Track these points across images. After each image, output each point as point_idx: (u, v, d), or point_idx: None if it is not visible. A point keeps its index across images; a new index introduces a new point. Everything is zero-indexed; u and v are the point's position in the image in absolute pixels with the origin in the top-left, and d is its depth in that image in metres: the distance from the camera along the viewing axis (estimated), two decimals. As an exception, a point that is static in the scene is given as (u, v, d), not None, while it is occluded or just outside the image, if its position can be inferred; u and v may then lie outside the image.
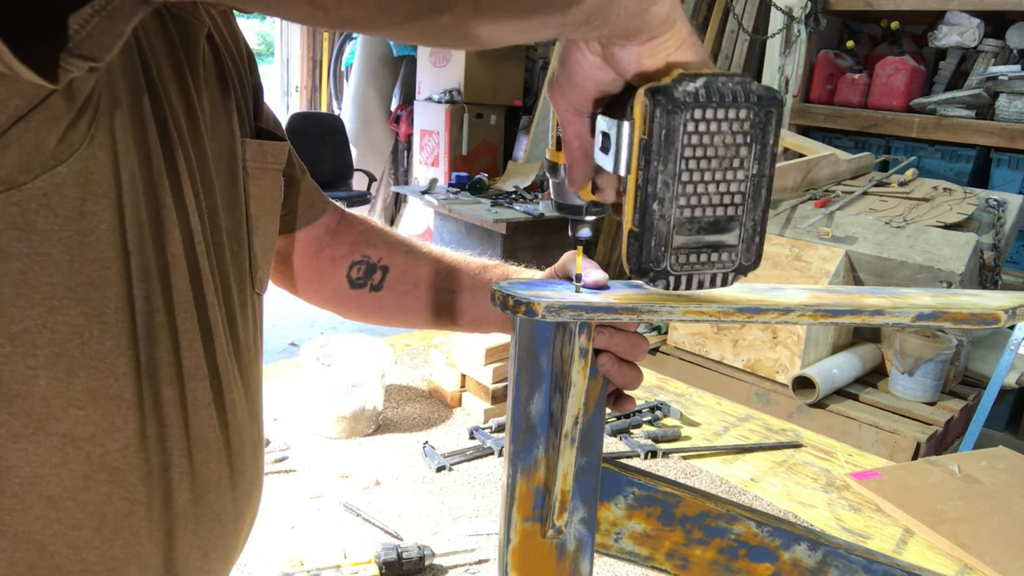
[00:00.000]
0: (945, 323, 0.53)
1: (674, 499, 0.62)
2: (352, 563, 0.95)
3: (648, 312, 0.50)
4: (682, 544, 0.63)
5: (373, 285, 0.79)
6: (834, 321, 0.53)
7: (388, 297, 0.79)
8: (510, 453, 0.58)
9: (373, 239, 0.80)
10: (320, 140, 5.60)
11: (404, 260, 0.79)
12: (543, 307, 0.49)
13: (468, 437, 1.36)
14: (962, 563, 1.09)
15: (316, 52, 7.02)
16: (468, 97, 5.02)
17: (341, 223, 0.81)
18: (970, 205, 2.25)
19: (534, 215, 3.91)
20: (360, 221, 0.82)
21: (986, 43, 3.19)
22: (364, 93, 5.99)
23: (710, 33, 4.49)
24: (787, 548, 0.64)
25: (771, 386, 2.23)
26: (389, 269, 0.79)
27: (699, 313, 0.51)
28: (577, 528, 0.59)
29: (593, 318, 0.51)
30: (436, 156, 5.20)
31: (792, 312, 0.52)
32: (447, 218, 4.43)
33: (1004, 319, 0.53)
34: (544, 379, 0.57)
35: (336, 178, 5.61)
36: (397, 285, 0.79)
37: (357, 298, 0.80)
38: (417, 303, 0.79)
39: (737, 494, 1.23)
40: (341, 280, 0.79)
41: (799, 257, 2.28)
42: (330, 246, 0.80)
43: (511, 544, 0.58)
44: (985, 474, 1.33)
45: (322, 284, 0.81)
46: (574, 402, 0.54)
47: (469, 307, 0.78)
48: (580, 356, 0.53)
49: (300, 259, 0.79)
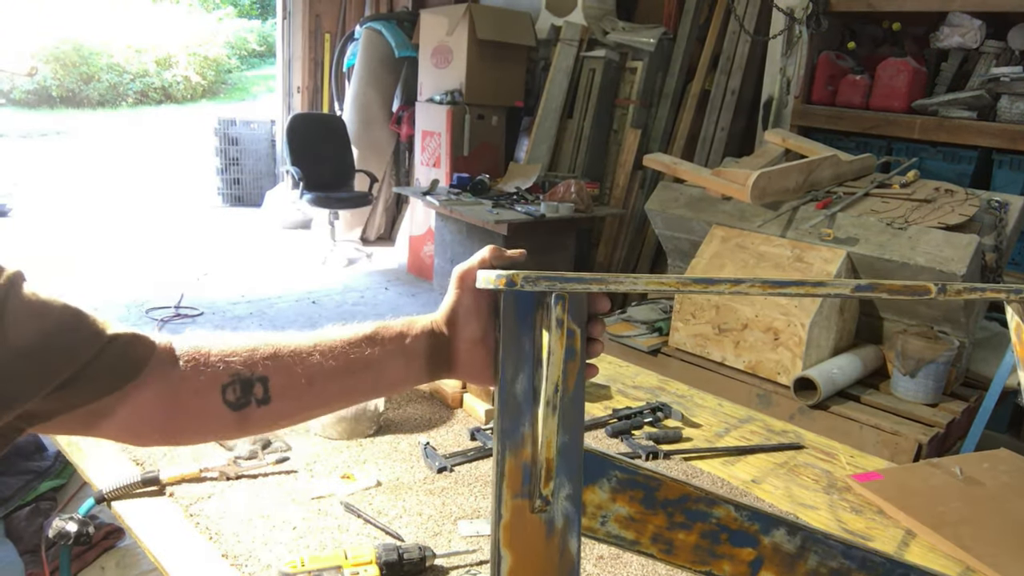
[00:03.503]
0: (881, 294, 0.60)
1: (655, 482, 0.65)
2: (353, 564, 0.95)
3: (615, 283, 0.57)
4: (665, 528, 0.65)
5: (258, 399, 0.70)
6: (781, 292, 0.60)
7: (282, 406, 0.71)
8: (499, 431, 0.61)
9: (228, 354, 0.71)
10: (321, 141, 5.61)
11: (277, 364, 0.71)
12: (521, 278, 0.56)
13: (469, 438, 1.36)
14: (964, 565, 1.09)
15: (318, 53, 7.03)
16: (469, 98, 5.02)
17: (181, 352, 0.70)
18: (972, 206, 2.25)
19: (535, 216, 3.91)
20: (201, 342, 0.71)
21: (988, 44, 3.19)
22: (365, 94, 5.99)
23: (711, 34, 4.49)
24: (767, 533, 0.67)
25: (772, 388, 2.22)
26: (268, 378, 0.70)
27: (659, 283, 0.58)
28: (564, 505, 0.62)
29: (566, 288, 0.57)
30: (437, 157, 5.20)
31: (743, 283, 0.58)
32: (448, 219, 4.43)
33: (934, 292, 0.59)
34: (527, 360, 0.62)
35: (337, 179, 5.62)
36: (286, 391, 0.70)
37: (247, 418, 0.70)
38: (321, 396, 0.72)
39: (738, 495, 1.23)
40: (219, 408, 0.69)
41: (800, 258, 2.28)
42: (185, 380, 0.69)
43: (502, 520, 0.60)
44: (987, 476, 1.33)
45: (200, 421, 0.71)
46: (553, 370, 0.58)
47: (380, 376, 0.73)
48: (557, 326, 0.58)
49: (156, 409, 0.68)
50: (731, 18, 4.31)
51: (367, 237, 6.38)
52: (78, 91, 13.31)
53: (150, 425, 0.70)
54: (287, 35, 7.15)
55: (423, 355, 0.73)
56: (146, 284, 4.80)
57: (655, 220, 2.83)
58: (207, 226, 6.73)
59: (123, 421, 0.68)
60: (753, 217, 2.46)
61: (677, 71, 4.61)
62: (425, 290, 5.00)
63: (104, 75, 13.52)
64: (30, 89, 12.78)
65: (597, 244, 4.78)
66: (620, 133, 4.83)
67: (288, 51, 7.18)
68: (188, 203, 7.67)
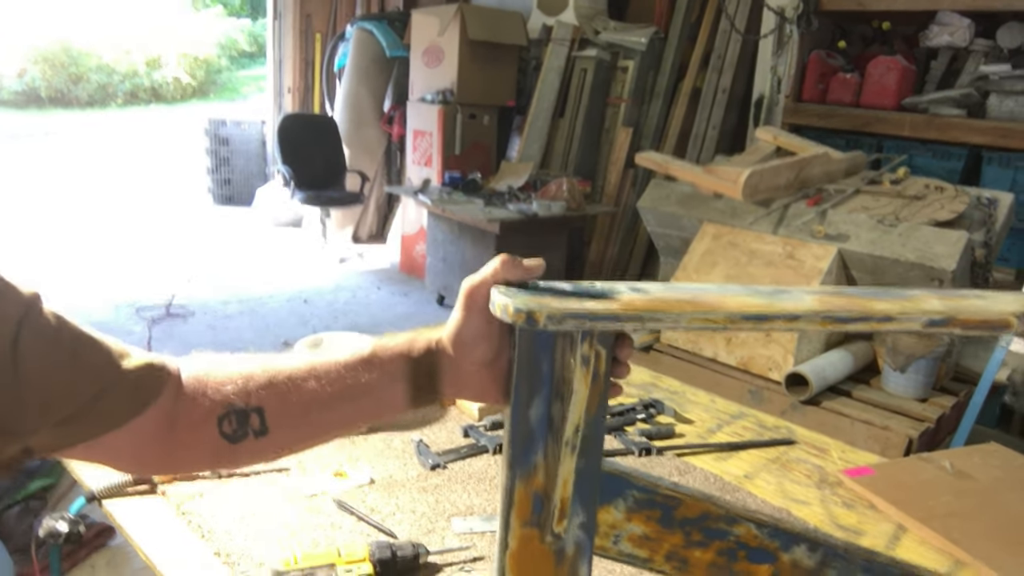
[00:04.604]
0: (954, 329, 0.52)
1: (674, 502, 0.61)
2: (346, 561, 0.95)
3: (652, 320, 0.49)
4: (681, 546, 0.62)
5: (256, 431, 0.67)
6: (843, 329, 0.52)
7: (280, 436, 0.69)
8: (509, 458, 0.57)
9: (225, 383, 0.68)
10: (313, 141, 5.60)
11: (272, 392, 0.68)
12: (544, 316, 0.48)
13: (462, 435, 1.36)
14: (954, 559, 1.10)
15: (308, 53, 7.01)
16: (461, 97, 5.01)
17: (186, 379, 0.69)
18: (961, 203, 2.26)
19: (527, 215, 3.91)
20: (203, 369, 0.70)
21: (977, 43, 3.21)
22: (356, 94, 5.98)
23: (702, 33, 4.51)
24: (786, 549, 0.63)
25: (764, 383, 2.23)
26: (264, 408, 0.67)
27: (705, 320, 0.50)
28: (576, 533, 0.59)
29: (596, 327, 0.50)
30: (429, 156, 5.19)
31: (800, 319, 0.51)
32: (440, 218, 4.43)
33: (1016, 325, 0.51)
34: (544, 383, 0.56)
35: (329, 179, 5.60)
36: (283, 421, 0.68)
37: (245, 450, 0.68)
38: (319, 425, 0.69)
39: (731, 491, 1.23)
40: (216, 441, 0.67)
41: (792, 255, 2.29)
42: (184, 413, 0.67)
43: (509, 549, 0.57)
44: (977, 470, 1.34)
45: (196, 455, 0.69)
46: (576, 410, 0.53)
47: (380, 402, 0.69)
48: (582, 364, 0.52)
49: (156, 443, 0.67)
50: (722, 17, 4.33)
51: (359, 236, 6.37)
52: (67, 91, 13.22)
53: (150, 457, 0.68)
54: (278, 35, 7.13)
55: (425, 378, 0.68)
56: (137, 283, 4.78)
57: (647, 218, 2.83)
58: (198, 225, 6.70)
59: (123, 453, 0.67)
60: (745, 214, 2.46)
61: (668, 69, 4.63)
62: (417, 289, 4.99)
63: (93, 75, 13.44)
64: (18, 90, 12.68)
65: (589, 242, 4.78)
66: (612, 131, 4.84)
67: (279, 51, 7.16)
68: (178, 203, 7.64)
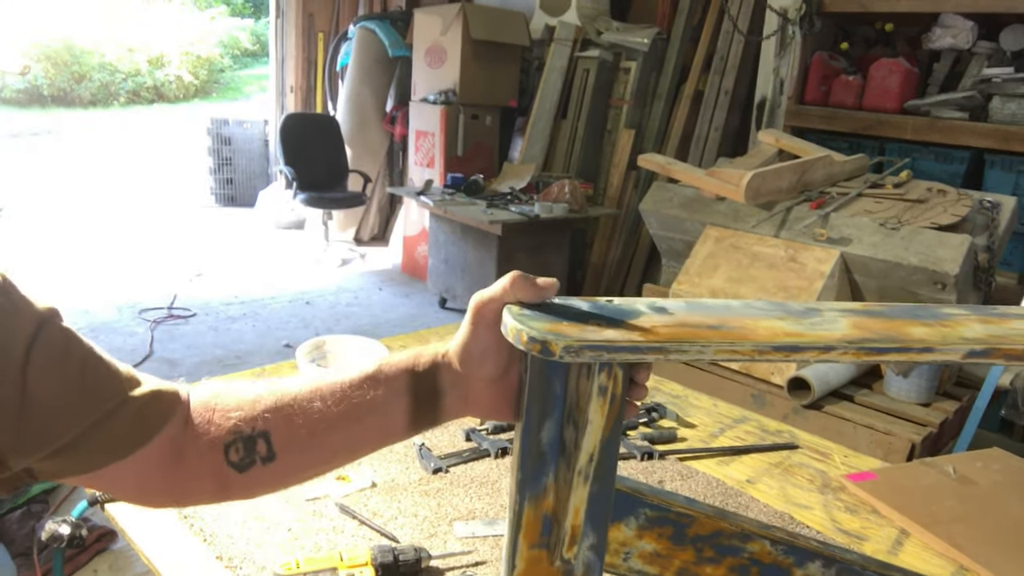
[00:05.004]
0: (997, 360, 0.49)
1: (687, 519, 0.60)
2: (348, 565, 0.95)
3: (677, 352, 0.47)
4: (692, 563, 0.61)
5: (263, 458, 0.65)
6: (880, 360, 0.50)
7: (288, 462, 0.66)
8: (518, 480, 0.56)
9: (232, 409, 0.66)
10: (315, 141, 5.60)
11: (277, 415, 0.66)
12: (561, 347, 0.46)
13: (464, 439, 1.36)
14: (957, 564, 1.10)
15: (311, 52, 7.01)
16: (463, 98, 5.01)
17: (194, 405, 0.67)
18: (964, 207, 2.26)
19: (530, 216, 3.91)
20: (210, 395, 0.68)
21: (980, 45, 3.21)
22: (359, 94, 5.98)
23: (705, 35, 4.51)
24: (800, 565, 0.62)
25: (766, 388, 2.23)
26: (270, 433, 0.65)
27: (732, 352, 0.48)
28: (586, 554, 0.57)
29: (615, 358, 0.48)
30: (431, 157, 5.19)
31: (834, 350, 0.48)
32: (442, 219, 4.43)
33: None
34: (557, 407, 0.54)
35: (331, 179, 5.61)
36: (290, 445, 0.65)
37: (253, 479, 0.66)
38: (326, 447, 0.66)
39: (733, 496, 1.23)
40: (223, 470, 0.65)
41: (794, 258, 2.28)
42: (190, 442, 0.65)
43: (516, 571, 0.56)
44: (980, 475, 1.34)
45: (203, 485, 0.67)
46: (591, 440, 0.52)
47: (386, 420, 0.66)
48: (599, 394, 0.51)
49: (161, 474, 0.65)
50: (725, 18, 4.33)
51: (361, 237, 6.37)
52: (69, 90, 13.23)
53: (154, 488, 0.66)
54: (280, 34, 7.13)
55: (429, 392, 0.66)
56: (139, 284, 4.78)
57: (649, 220, 2.83)
58: (200, 226, 6.70)
59: (128, 484, 0.65)
60: (747, 217, 2.46)
61: (671, 71, 4.62)
62: (419, 290, 4.99)
63: (96, 74, 13.44)
64: (21, 88, 12.70)
65: (591, 244, 4.78)
66: (614, 133, 4.84)
67: (281, 50, 7.16)
68: (181, 203, 7.64)
